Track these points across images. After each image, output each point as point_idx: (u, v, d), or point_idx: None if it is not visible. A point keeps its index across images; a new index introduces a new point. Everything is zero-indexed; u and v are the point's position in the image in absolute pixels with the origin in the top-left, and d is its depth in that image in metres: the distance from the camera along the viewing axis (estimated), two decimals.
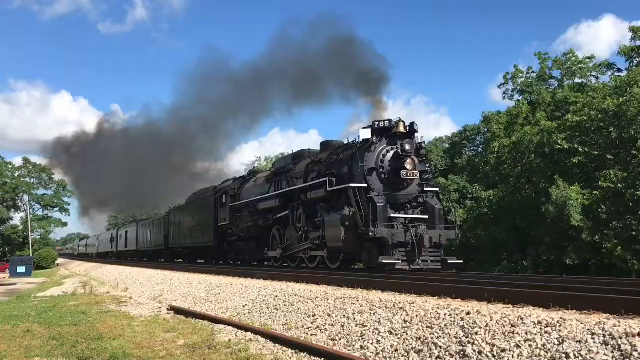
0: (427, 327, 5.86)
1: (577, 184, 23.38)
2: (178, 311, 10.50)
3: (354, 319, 6.96)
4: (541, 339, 4.69)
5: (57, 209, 68.20)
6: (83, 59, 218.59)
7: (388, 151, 13.11)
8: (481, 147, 41.29)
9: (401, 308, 6.67)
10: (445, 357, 5.12)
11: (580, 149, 23.58)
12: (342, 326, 6.89)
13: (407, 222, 12.48)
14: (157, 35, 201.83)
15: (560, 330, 4.71)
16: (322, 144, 16.67)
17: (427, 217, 12.92)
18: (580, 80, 32.09)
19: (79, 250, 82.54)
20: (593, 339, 4.41)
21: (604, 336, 4.39)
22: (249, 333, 7.42)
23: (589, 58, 32.24)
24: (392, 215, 12.46)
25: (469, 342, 5.13)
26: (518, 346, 4.73)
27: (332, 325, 7.08)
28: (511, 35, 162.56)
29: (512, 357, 4.63)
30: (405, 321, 6.22)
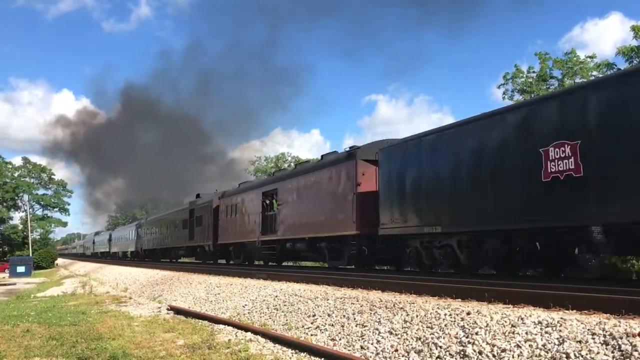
0: (427, 327, 5.85)
1: None
2: (178, 311, 10.50)
3: (354, 319, 6.96)
4: (541, 339, 4.68)
5: (56, 209, 68.40)
6: (85, 58, 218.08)
7: None
8: None
9: (401, 308, 6.67)
10: (445, 357, 5.12)
11: None
12: (342, 326, 6.88)
13: None
14: (161, 34, 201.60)
15: (560, 330, 4.70)
16: None
17: None
18: (580, 80, 32.07)
19: (93, 249, 63.49)
20: (593, 339, 4.41)
21: (604, 336, 4.39)
22: (249, 333, 7.41)
23: (589, 57, 32.23)
24: None
25: (469, 342, 5.12)
26: (518, 346, 4.72)
27: (332, 325, 7.08)
28: (516, 33, 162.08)
29: (513, 357, 4.62)
30: (405, 321, 6.22)
